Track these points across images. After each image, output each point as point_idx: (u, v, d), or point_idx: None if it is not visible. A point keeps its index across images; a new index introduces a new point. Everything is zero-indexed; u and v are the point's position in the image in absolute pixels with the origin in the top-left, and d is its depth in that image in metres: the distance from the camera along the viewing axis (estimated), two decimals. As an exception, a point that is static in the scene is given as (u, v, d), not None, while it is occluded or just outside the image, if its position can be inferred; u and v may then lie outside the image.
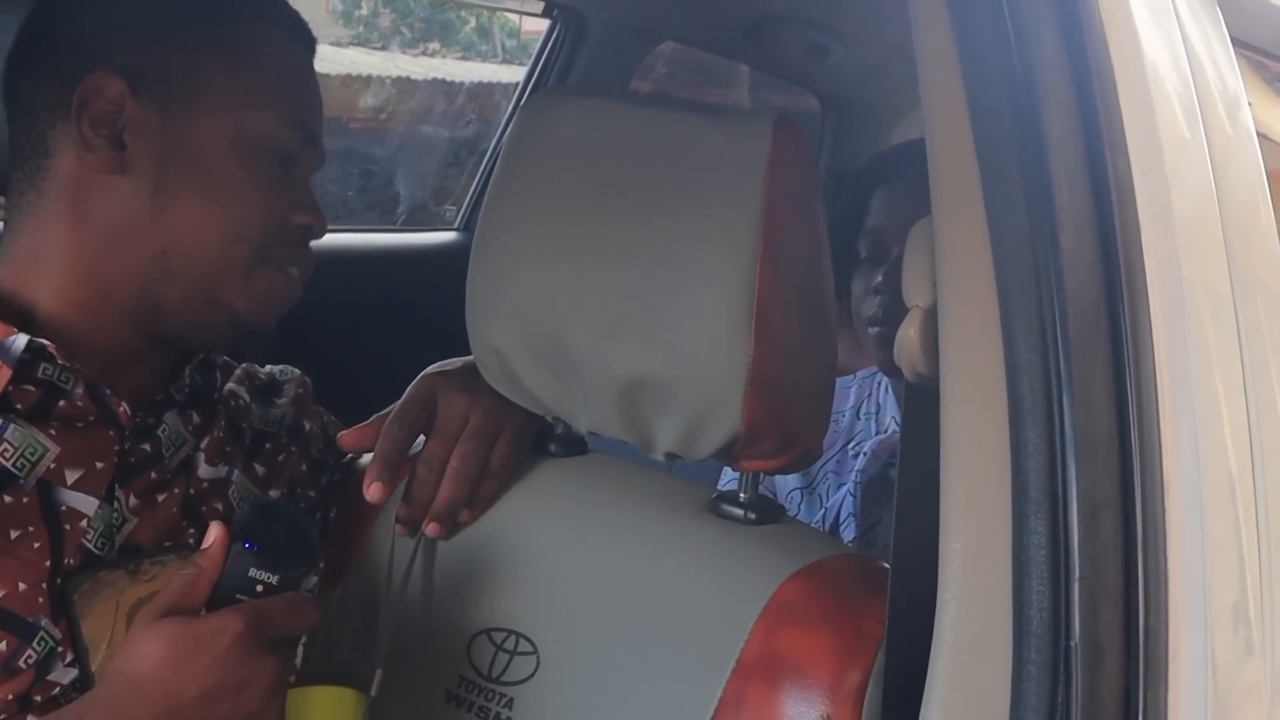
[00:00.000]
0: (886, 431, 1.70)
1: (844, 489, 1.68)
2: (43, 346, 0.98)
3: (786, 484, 1.74)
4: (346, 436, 1.14)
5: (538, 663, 1.05)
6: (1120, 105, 0.82)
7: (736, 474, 1.06)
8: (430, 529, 1.09)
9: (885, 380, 1.74)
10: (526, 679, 1.05)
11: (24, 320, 1.01)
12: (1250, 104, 1.03)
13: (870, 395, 1.75)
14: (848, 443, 1.73)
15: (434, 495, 1.09)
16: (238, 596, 0.92)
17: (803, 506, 1.72)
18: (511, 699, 1.05)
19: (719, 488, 1.13)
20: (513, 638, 1.07)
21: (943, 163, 0.82)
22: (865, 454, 1.66)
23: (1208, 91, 0.94)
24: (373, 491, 1.08)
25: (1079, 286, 0.77)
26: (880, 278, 1.58)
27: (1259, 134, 1.03)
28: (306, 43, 1.11)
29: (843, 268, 1.62)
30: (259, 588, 0.92)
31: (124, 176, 1.01)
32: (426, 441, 1.11)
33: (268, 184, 1.05)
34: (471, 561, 1.10)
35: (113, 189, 1.01)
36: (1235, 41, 1.02)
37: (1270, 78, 1.21)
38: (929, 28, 0.83)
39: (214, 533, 0.93)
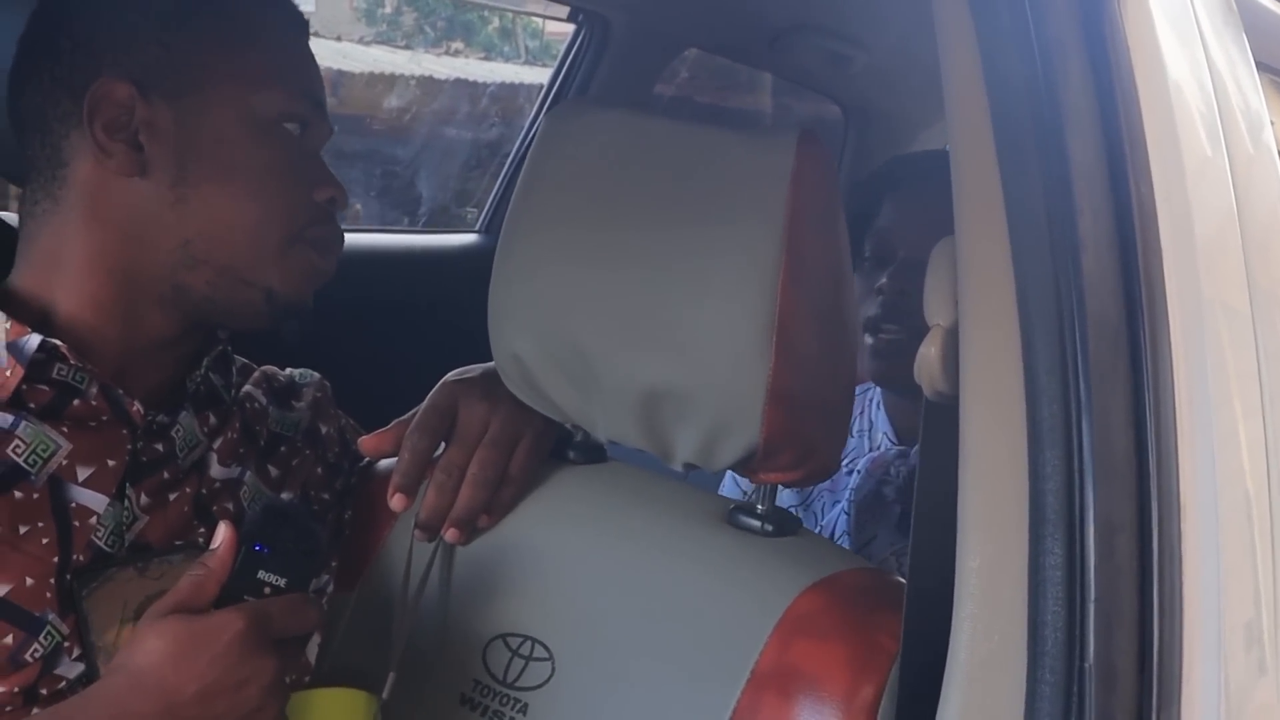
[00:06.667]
0: (879, 448, 1.70)
1: (839, 506, 1.67)
2: (55, 347, 0.99)
3: (781, 500, 1.74)
4: (367, 442, 1.14)
5: (553, 669, 1.05)
6: (1144, 127, 0.82)
7: (738, 483, 1.06)
8: (449, 534, 1.09)
9: (876, 395, 1.74)
10: (541, 685, 1.05)
11: (42, 321, 1.02)
12: (1273, 123, 1.02)
13: (862, 412, 1.75)
14: (841, 459, 1.72)
15: (453, 501, 1.09)
16: (245, 598, 0.92)
17: None
18: (526, 704, 1.05)
19: (719, 494, 1.13)
20: (528, 643, 1.07)
21: (966, 181, 0.82)
22: (859, 471, 1.66)
23: (1230, 111, 0.94)
24: (396, 502, 1.09)
25: (1100, 310, 0.77)
26: (885, 279, 1.58)
27: (1281, 153, 1.03)
28: (300, 23, 1.12)
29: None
30: (267, 590, 0.92)
31: (144, 178, 1.02)
32: (447, 448, 1.11)
33: (287, 163, 1.06)
34: (489, 567, 1.11)
35: (134, 189, 1.02)
36: (1260, 66, 1.02)
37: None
38: (955, 46, 0.84)
39: (223, 533, 0.93)
